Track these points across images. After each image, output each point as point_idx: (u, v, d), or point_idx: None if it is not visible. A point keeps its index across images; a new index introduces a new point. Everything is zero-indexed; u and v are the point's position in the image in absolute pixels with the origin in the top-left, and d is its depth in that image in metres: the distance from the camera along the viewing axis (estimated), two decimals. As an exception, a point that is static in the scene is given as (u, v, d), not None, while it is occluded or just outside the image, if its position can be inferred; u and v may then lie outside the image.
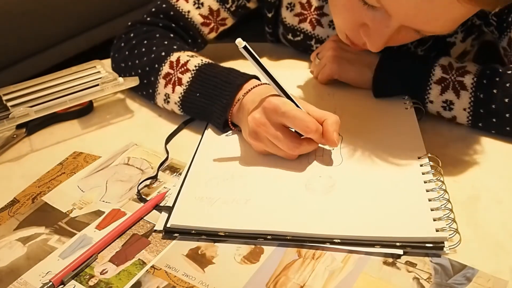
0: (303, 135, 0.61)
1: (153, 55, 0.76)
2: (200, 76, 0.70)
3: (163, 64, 0.74)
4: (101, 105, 0.81)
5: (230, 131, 0.69)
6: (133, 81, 0.76)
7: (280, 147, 0.60)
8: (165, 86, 0.73)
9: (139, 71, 0.77)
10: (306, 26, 0.85)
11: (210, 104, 0.69)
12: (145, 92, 0.77)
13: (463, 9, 0.54)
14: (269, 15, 0.87)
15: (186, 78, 0.71)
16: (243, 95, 0.65)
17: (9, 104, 0.74)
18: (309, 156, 0.63)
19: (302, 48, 0.88)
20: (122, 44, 0.82)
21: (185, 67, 0.72)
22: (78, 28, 2.18)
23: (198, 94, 0.70)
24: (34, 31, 2.00)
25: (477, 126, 0.67)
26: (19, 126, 0.73)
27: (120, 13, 2.29)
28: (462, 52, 0.81)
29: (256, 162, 0.63)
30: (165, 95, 0.73)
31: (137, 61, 0.78)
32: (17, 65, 2.01)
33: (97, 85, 0.76)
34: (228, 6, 0.83)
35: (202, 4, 0.82)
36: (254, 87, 0.66)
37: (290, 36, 0.88)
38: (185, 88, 0.71)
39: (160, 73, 0.74)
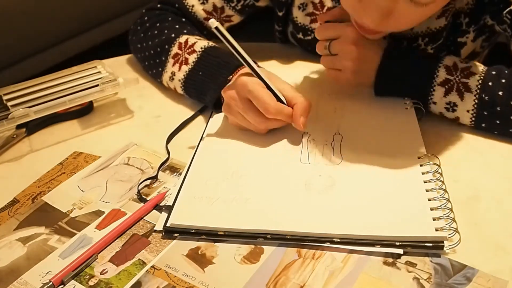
0: None
1: (164, 37, 0.80)
2: (205, 57, 0.75)
3: (173, 45, 0.78)
4: (101, 105, 0.81)
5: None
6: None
7: (248, 120, 0.65)
8: (173, 65, 0.78)
9: (152, 51, 0.81)
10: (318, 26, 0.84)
11: (208, 82, 0.72)
12: (155, 70, 0.81)
13: None
14: (280, 13, 0.87)
15: (192, 58, 0.76)
16: (232, 76, 0.69)
17: (9, 104, 0.74)
18: (309, 155, 0.63)
19: (311, 47, 0.87)
20: (138, 27, 0.86)
21: (192, 48, 0.76)
22: (78, 28, 2.19)
23: (201, 73, 0.74)
24: (34, 31, 2.00)
25: (480, 127, 0.67)
26: (19, 126, 0.73)
27: (120, 13, 2.29)
28: (471, 52, 0.80)
29: (255, 162, 0.63)
30: (171, 73, 0.78)
31: (150, 42, 0.82)
32: (17, 65, 2.01)
33: (97, 85, 0.76)
34: (233, 4, 0.84)
35: (207, 0, 0.83)
36: (243, 68, 0.69)
37: (300, 35, 0.87)
38: (190, 67, 0.75)
39: (170, 53, 0.78)
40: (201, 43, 0.77)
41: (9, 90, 0.78)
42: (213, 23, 0.60)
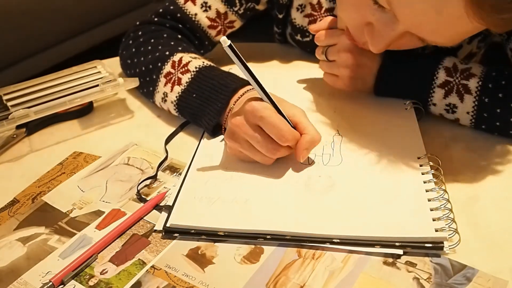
0: None
1: (157, 54, 0.76)
2: (199, 78, 0.70)
3: (166, 63, 0.74)
4: (101, 105, 0.81)
5: (222, 136, 0.68)
6: (133, 82, 0.76)
7: (258, 149, 0.59)
8: (165, 85, 0.73)
9: (143, 68, 0.77)
10: None
11: (204, 106, 0.68)
12: (146, 90, 0.78)
13: (470, 25, 0.54)
14: (280, 16, 0.86)
15: (185, 78, 0.71)
16: (234, 103, 0.65)
17: (9, 104, 0.74)
18: (308, 156, 0.63)
19: (310, 49, 0.88)
20: (130, 42, 0.83)
21: (186, 68, 0.72)
22: (78, 28, 2.19)
23: (194, 95, 0.70)
24: (34, 31, 2.00)
25: (480, 128, 0.67)
26: (19, 126, 0.73)
27: (120, 13, 2.29)
28: (468, 54, 0.80)
29: (255, 162, 0.63)
30: (163, 94, 0.74)
31: (142, 59, 0.78)
32: (17, 65, 2.01)
33: (97, 85, 0.76)
34: (236, 9, 0.82)
35: (209, 7, 0.81)
36: (246, 92, 0.65)
37: (298, 37, 0.87)
38: (183, 88, 0.71)
39: (161, 71, 0.74)
40: (195, 63, 0.72)
41: (9, 90, 0.78)
42: (225, 41, 0.55)
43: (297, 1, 0.83)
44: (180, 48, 0.77)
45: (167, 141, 0.70)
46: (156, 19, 0.83)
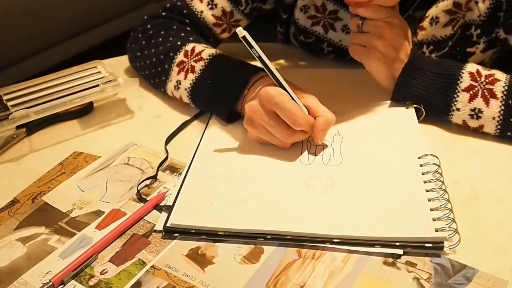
0: None
1: (169, 44, 0.78)
2: (213, 65, 0.72)
3: (178, 53, 0.76)
4: (101, 105, 0.81)
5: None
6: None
7: (274, 134, 0.62)
8: (178, 73, 0.75)
9: (154, 59, 0.79)
10: (319, 29, 0.83)
11: (218, 93, 0.70)
12: (157, 79, 0.79)
13: None
14: (285, 16, 0.87)
15: (199, 66, 0.73)
16: (248, 89, 0.67)
17: (9, 104, 0.74)
18: (309, 154, 0.63)
19: (312, 50, 0.88)
20: (140, 35, 0.84)
21: (199, 56, 0.74)
22: (78, 28, 2.19)
23: (209, 81, 0.71)
24: (34, 31, 2.00)
25: (505, 136, 0.66)
26: (19, 126, 0.73)
27: (120, 13, 2.29)
28: (480, 62, 0.78)
29: (255, 162, 0.63)
30: (176, 82, 0.75)
31: (153, 50, 0.80)
32: (17, 65, 2.01)
33: (98, 85, 0.76)
34: (242, 8, 0.83)
35: (215, 5, 0.82)
36: (260, 78, 0.67)
37: (301, 37, 0.87)
38: (197, 75, 0.73)
39: (174, 61, 0.76)
40: (208, 51, 0.74)
41: (9, 90, 0.78)
42: (240, 31, 0.59)
43: (301, 1, 0.83)
44: (191, 39, 0.78)
45: (167, 141, 0.70)
46: (163, 13, 0.85)
